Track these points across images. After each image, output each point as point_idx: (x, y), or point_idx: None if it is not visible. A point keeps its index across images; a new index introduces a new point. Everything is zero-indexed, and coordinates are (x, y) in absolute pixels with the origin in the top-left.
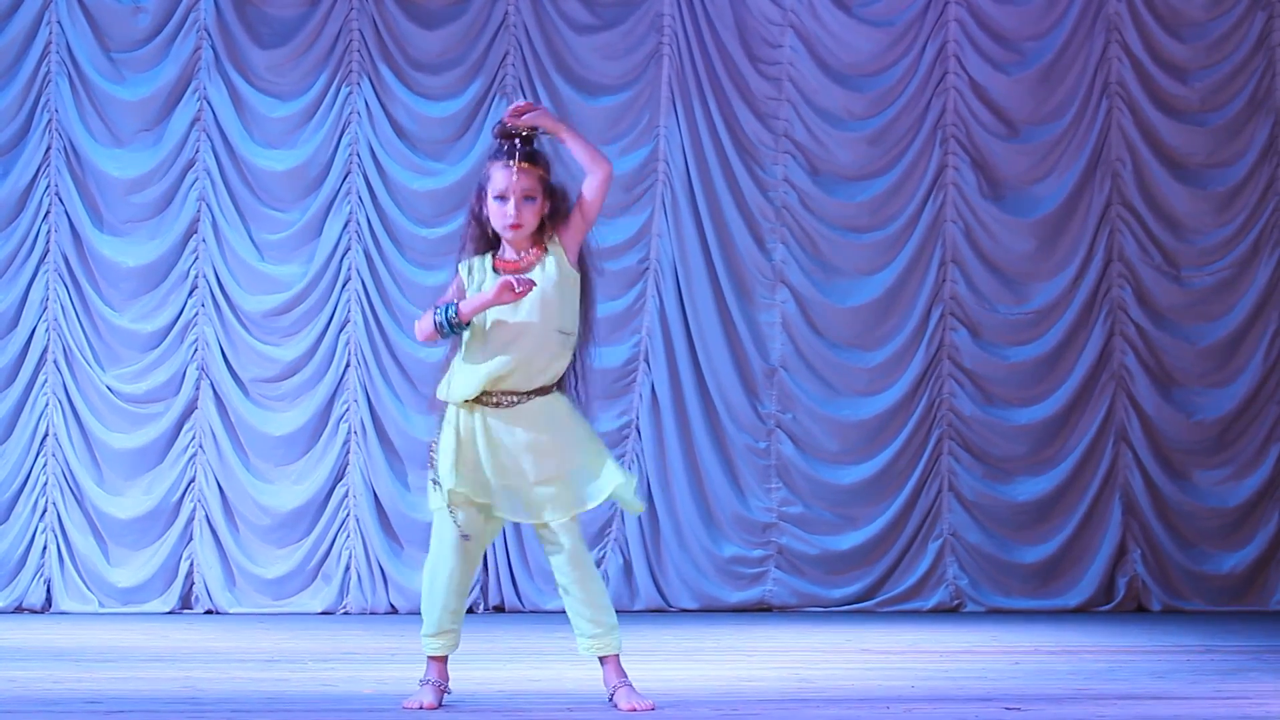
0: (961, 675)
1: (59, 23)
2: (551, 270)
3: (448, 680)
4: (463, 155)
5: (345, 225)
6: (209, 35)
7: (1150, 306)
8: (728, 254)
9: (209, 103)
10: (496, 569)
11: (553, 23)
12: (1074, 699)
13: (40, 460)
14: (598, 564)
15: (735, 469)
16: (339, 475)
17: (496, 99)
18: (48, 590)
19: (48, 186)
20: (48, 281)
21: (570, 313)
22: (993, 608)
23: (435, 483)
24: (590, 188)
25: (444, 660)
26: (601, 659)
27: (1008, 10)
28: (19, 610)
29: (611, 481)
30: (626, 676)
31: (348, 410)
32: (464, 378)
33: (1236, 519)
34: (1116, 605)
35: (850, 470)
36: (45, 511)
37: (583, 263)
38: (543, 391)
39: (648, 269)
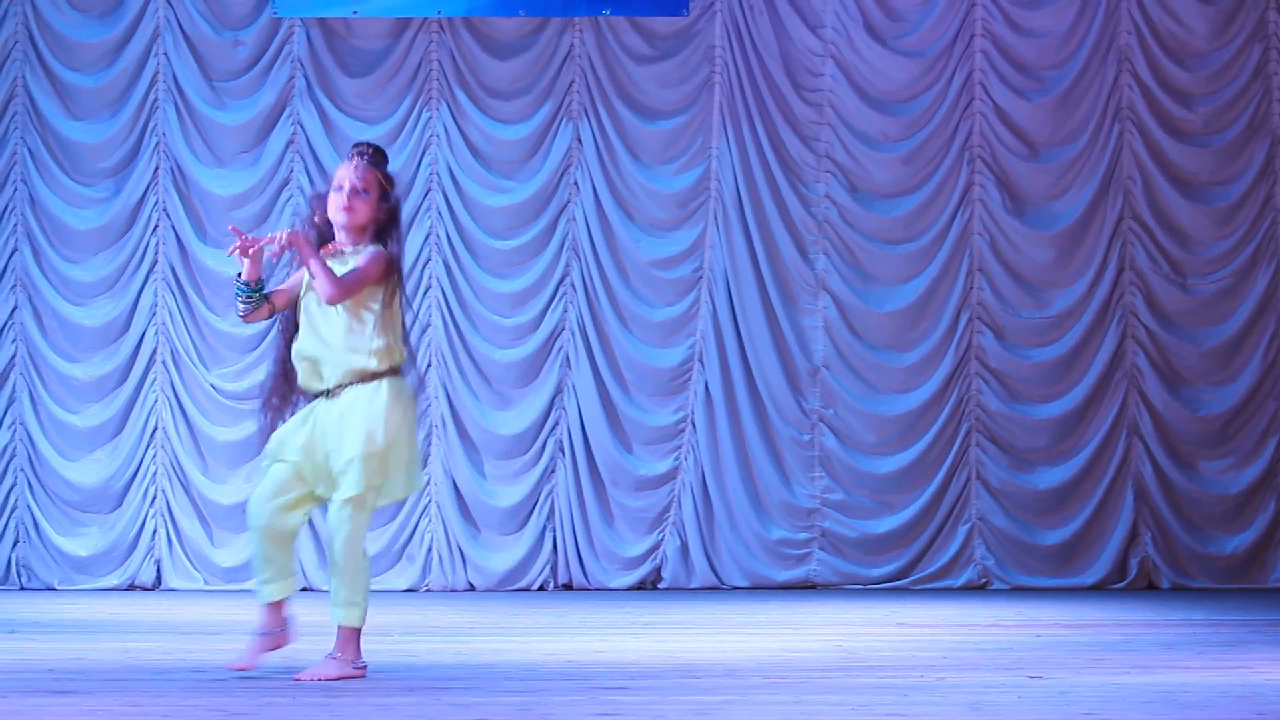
0: (988, 647)
1: (165, 54)
2: (352, 264)
3: (280, 627)
4: (533, 174)
5: (426, 238)
6: (301, 65)
7: (1159, 311)
8: (774, 264)
9: (302, 126)
10: (565, 550)
11: (614, 53)
12: (1091, 669)
13: (150, 452)
14: (657, 546)
15: (782, 459)
16: (421, 465)
17: (564, 122)
18: (157, 570)
19: (156, 203)
20: (156, 289)
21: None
22: (1016, 585)
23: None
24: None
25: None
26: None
27: (1028, 42)
28: (132, 588)
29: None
30: (344, 652)
31: (429, 406)
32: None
33: (1238, 504)
34: (1129, 583)
35: (887, 460)
36: (155, 498)
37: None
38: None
39: (701, 278)
